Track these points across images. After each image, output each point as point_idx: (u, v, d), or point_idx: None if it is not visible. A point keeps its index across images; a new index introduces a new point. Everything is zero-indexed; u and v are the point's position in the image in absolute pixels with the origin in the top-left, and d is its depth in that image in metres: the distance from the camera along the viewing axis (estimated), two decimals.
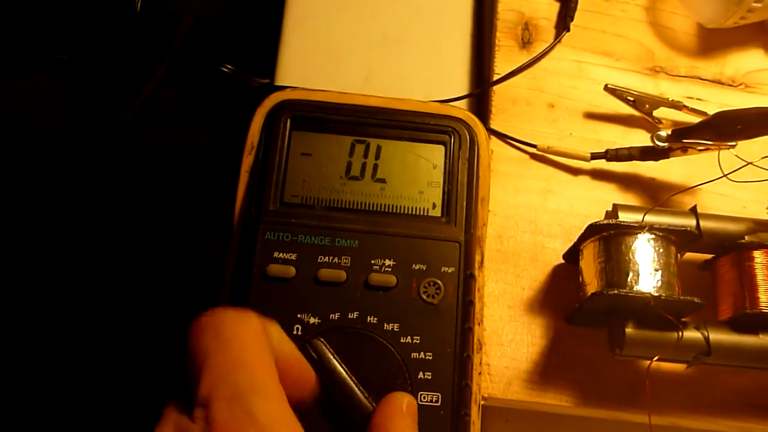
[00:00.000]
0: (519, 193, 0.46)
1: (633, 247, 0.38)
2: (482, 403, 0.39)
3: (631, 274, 0.37)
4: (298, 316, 0.37)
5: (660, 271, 0.38)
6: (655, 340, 0.38)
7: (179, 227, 1.11)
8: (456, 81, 0.51)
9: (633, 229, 0.38)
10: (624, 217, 0.40)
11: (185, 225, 1.11)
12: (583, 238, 0.41)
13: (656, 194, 0.47)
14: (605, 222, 0.39)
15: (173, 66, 0.72)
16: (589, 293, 0.39)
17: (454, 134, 0.42)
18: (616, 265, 0.38)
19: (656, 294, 0.37)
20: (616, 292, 0.37)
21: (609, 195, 0.46)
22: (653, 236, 0.38)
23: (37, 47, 0.83)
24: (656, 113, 0.48)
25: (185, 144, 0.98)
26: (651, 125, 0.48)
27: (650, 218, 0.39)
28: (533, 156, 0.47)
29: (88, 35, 0.81)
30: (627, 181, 0.47)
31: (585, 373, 0.42)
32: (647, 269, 0.38)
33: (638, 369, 0.42)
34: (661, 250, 0.38)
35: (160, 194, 1.05)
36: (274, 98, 0.42)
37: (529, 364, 0.42)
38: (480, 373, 0.39)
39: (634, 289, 0.37)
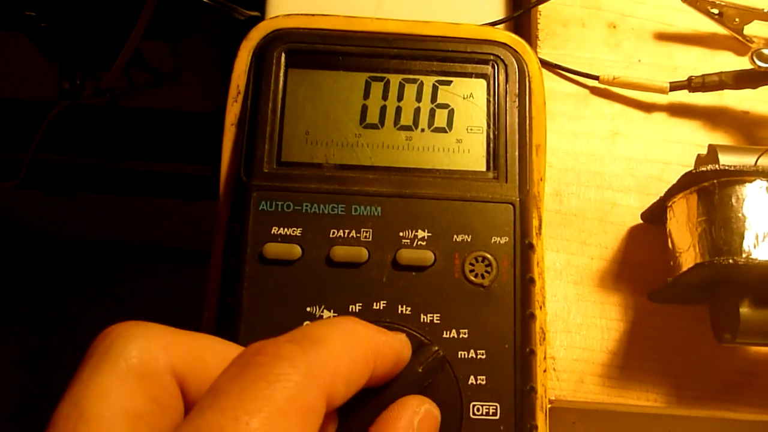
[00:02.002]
0: (579, 138, 0.37)
1: (747, 201, 0.29)
2: (549, 407, 0.31)
3: (747, 236, 0.28)
4: (307, 309, 0.29)
5: None
6: None
7: (181, 198, 1.04)
8: (489, 2, 0.41)
9: (745, 176, 0.29)
10: (727, 161, 0.31)
11: (188, 196, 1.04)
12: (672, 192, 0.31)
13: (752, 131, 0.37)
14: (708, 168, 0.29)
15: (155, 19, 0.63)
16: (686, 263, 0.30)
17: (499, 64, 0.32)
18: (724, 225, 0.29)
19: None
20: (731, 261, 0.27)
21: (693, 135, 0.37)
22: None
23: (1, 3, 0.74)
24: (747, 29, 0.38)
25: (177, 109, 0.90)
26: (741, 45, 0.38)
27: (763, 161, 0.30)
28: (594, 90, 0.38)
29: None
30: (714, 117, 0.37)
31: (677, 363, 0.33)
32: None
33: (747, 355, 0.33)
34: None
35: (155, 165, 0.98)
36: (264, 28, 0.33)
37: (604, 355, 0.33)
38: (545, 371, 0.30)
39: (753, 256, 0.28)
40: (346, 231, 0.30)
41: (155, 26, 0.64)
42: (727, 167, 0.29)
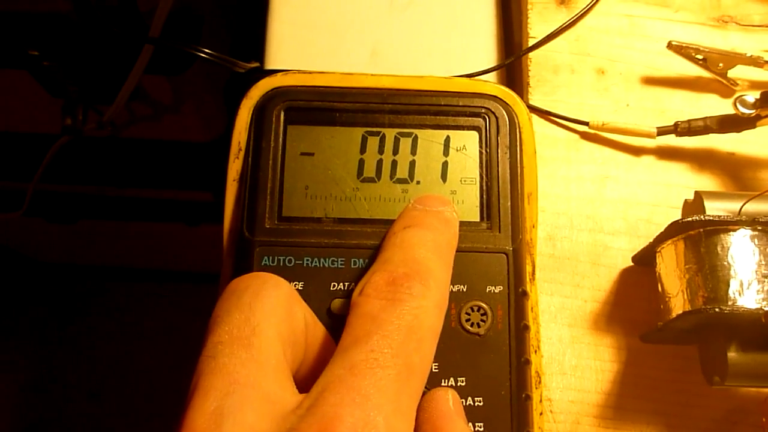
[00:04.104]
0: (570, 182, 0.38)
1: (732, 249, 0.30)
2: None
3: (733, 284, 0.29)
4: None
5: None
6: (767, 364, 0.29)
7: (182, 222, 1.05)
8: (481, 50, 0.42)
9: (730, 225, 0.30)
10: (712, 207, 0.32)
11: (189, 220, 1.05)
12: (661, 239, 0.32)
13: (738, 172, 0.38)
14: (694, 219, 0.30)
15: (154, 57, 0.64)
16: (675, 309, 0.31)
17: (490, 116, 0.33)
18: (711, 273, 0.30)
19: None
20: (718, 310, 0.28)
21: (680, 177, 0.38)
22: (757, 232, 0.30)
23: (5, 43, 0.75)
24: (731, 73, 0.39)
25: (178, 139, 0.91)
26: (725, 88, 0.39)
27: (748, 207, 0.31)
28: (584, 135, 0.39)
29: (61, 28, 0.74)
30: (701, 159, 0.38)
31: (670, 402, 0.34)
32: (752, 276, 0.29)
33: (737, 393, 0.34)
34: None
35: (157, 192, 0.99)
36: (263, 86, 0.34)
37: (599, 396, 0.34)
38: (541, 414, 0.31)
39: (738, 303, 0.29)
40: (346, 284, 0.30)
41: (155, 61, 0.65)
42: (712, 217, 0.30)
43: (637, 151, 0.38)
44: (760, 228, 0.30)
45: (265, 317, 0.21)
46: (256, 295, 0.22)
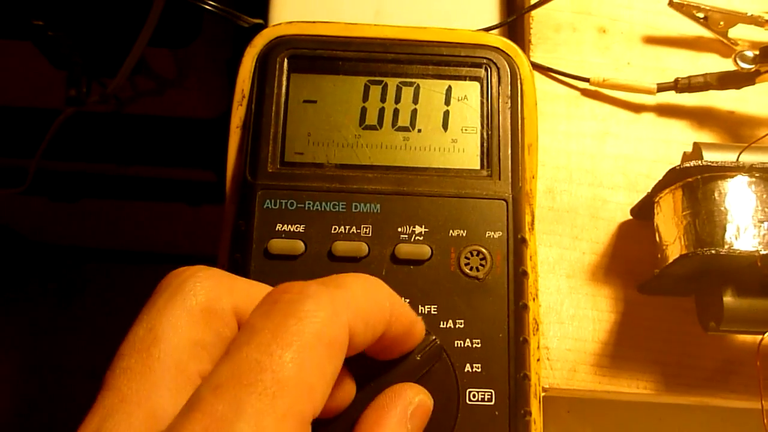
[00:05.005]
0: (571, 137, 0.38)
1: (729, 195, 0.30)
2: (542, 395, 0.32)
3: (729, 229, 0.29)
4: None
5: (766, 223, 0.30)
6: (762, 309, 0.30)
7: (184, 203, 1.05)
8: (484, 9, 0.43)
9: (728, 171, 0.30)
10: (711, 157, 0.32)
11: (191, 200, 1.05)
12: (659, 188, 0.32)
13: (737, 130, 0.38)
14: (692, 164, 0.30)
15: (159, 27, 0.64)
16: (672, 255, 0.31)
17: (491, 67, 0.34)
18: (708, 218, 0.30)
19: (765, 251, 0.29)
20: (714, 251, 0.29)
21: (680, 134, 0.38)
22: (754, 179, 0.30)
23: (9, 13, 0.75)
24: (732, 33, 0.39)
25: (181, 115, 0.91)
26: (726, 47, 0.40)
27: (745, 157, 0.31)
28: (585, 92, 0.39)
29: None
30: (700, 117, 0.39)
31: (666, 352, 0.34)
32: (749, 221, 0.30)
33: (732, 344, 0.34)
34: (764, 196, 0.30)
35: (159, 170, 0.99)
36: (267, 35, 0.34)
37: (596, 345, 0.34)
38: (538, 360, 0.31)
39: (734, 247, 0.29)
40: (347, 227, 0.31)
41: (159, 33, 0.65)
42: (710, 163, 0.31)
43: (637, 108, 0.39)
44: (757, 175, 0.30)
45: (172, 324, 0.20)
46: (169, 299, 0.20)
